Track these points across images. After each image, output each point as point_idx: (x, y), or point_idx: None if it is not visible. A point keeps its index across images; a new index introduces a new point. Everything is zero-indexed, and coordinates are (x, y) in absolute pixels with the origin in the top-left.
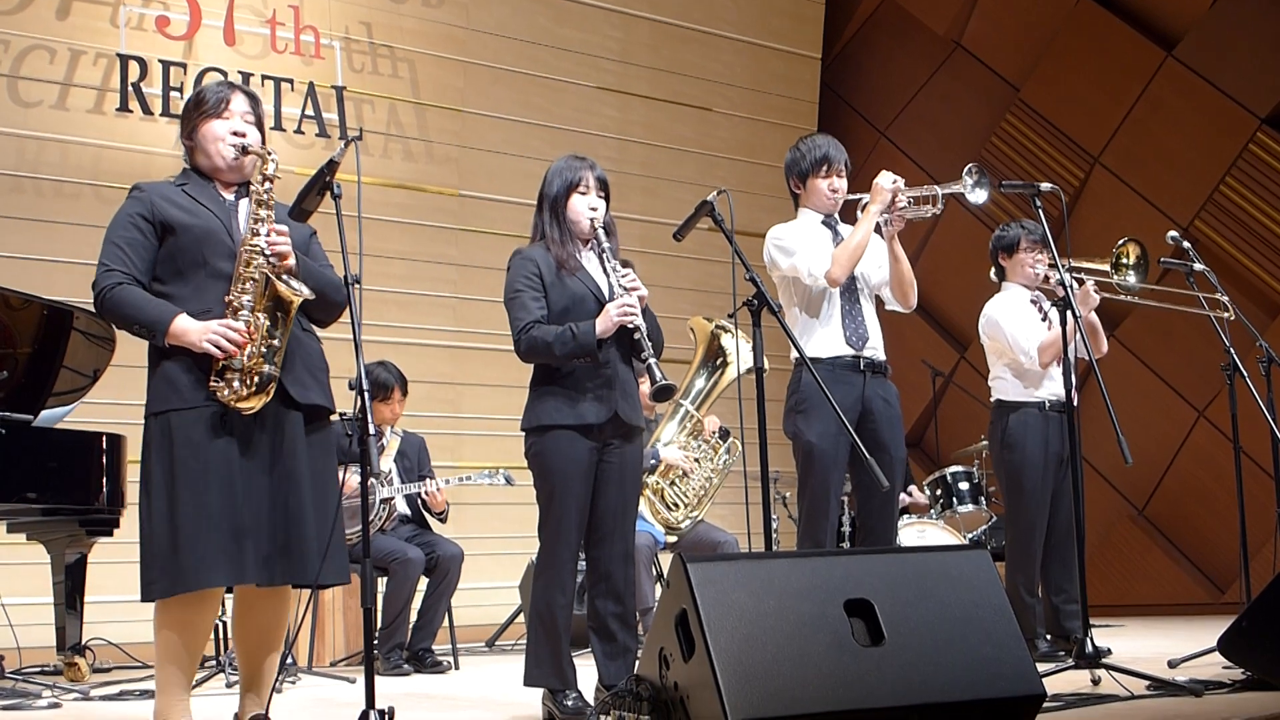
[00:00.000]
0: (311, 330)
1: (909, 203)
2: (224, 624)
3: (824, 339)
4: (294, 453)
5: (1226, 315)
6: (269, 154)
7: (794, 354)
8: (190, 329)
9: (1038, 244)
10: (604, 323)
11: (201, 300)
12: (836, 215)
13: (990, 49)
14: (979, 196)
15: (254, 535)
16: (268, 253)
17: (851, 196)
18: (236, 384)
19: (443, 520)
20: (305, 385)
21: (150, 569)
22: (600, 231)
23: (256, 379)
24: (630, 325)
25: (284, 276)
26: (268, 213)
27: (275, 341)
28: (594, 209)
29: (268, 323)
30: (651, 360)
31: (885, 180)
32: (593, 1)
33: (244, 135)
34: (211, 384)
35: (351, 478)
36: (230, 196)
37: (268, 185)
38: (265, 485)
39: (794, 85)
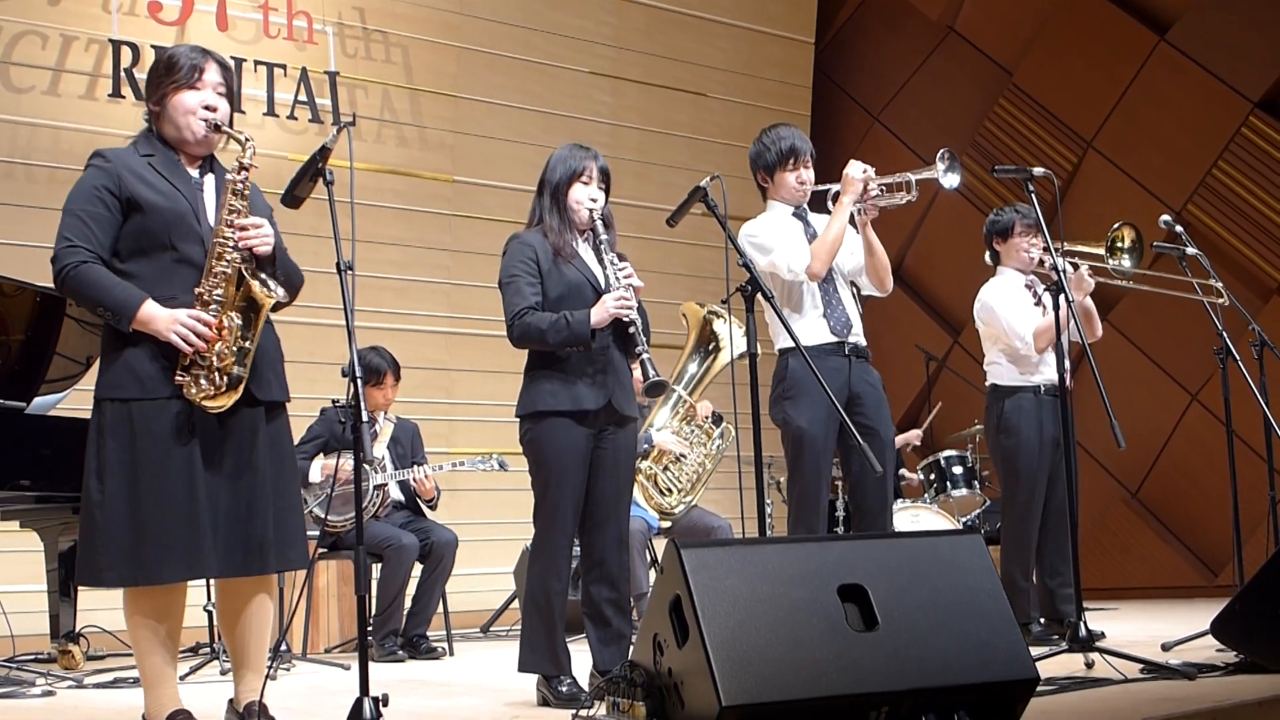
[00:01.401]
0: (269, 320)
1: (881, 191)
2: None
3: (807, 327)
4: (254, 447)
5: (1221, 301)
6: (247, 139)
7: (779, 343)
8: (157, 316)
9: (1032, 228)
10: (599, 314)
11: (166, 285)
12: (805, 206)
13: (983, 33)
14: (951, 181)
15: (213, 530)
16: (240, 247)
17: (820, 187)
18: (204, 381)
19: (432, 507)
20: (266, 381)
21: (101, 555)
22: (599, 223)
23: (226, 379)
24: (626, 319)
25: (261, 276)
26: (243, 204)
27: (247, 344)
28: (594, 200)
29: (240, 323)
30: (645, 355)
31: (855, 170)
32: None
33: (215, 109)
34: (178, 378)
35: (345, 463)
36: (195, 172)
37: (244, 175)
38: (226, 480)
39: (788, 70)
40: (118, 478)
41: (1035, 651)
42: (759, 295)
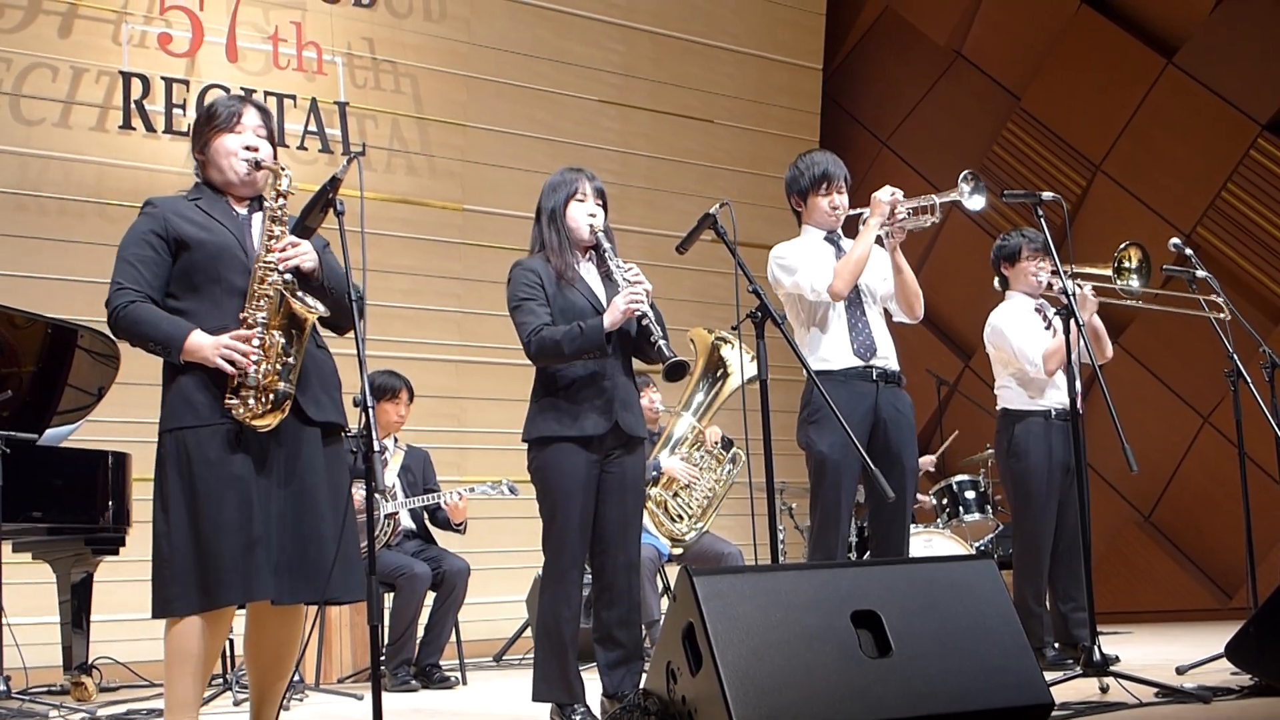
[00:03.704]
0: (325, 346)
1: (908, 214)
2: (231, 642)
3: (832, 350)
4: (311, 469)
5: (1224, 316)
6: (282, 169)
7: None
8: (203, 344)
9: (1039, 252)
10: (612, 315)
11: (220, 316)
12: (839, 231)
13: (991, 58)
14: (976, 203)
15: (269, 552)
16: (281, 269)
17: (853, 211)
18: (251, 401)
19: (461, 531)
20: (320, 403)
21: (169, 586)
22: (600, 235)
23: (272, 396)
24: (638, 313)
25: (299, 294)
26: (281, 229)
27: (290, 359)
28: (592, 215)
29: (283, 340)
30: (661, 342)
31: (884, 194)
32: (594, 15)
33: (256, 150)
34: (227, 401)
35: (355, 493)
36: (243, 211)
37: (281, 201)
38: (281, 502)
39: (796, 96)
40: (179, 508)
41: (1049, 676)
42: (770, 321)
